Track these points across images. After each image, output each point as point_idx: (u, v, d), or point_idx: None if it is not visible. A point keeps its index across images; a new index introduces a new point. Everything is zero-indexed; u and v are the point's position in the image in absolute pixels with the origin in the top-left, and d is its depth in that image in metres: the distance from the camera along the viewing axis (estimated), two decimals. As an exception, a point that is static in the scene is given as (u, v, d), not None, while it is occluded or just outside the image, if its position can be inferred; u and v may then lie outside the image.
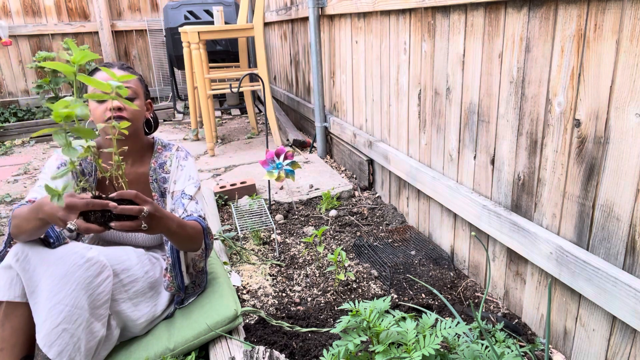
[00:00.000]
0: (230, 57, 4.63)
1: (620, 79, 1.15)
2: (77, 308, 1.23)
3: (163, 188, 1.59)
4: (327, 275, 2.01)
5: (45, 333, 1.19)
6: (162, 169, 1.59)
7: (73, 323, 1.22)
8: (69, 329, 1.21)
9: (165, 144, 1.63)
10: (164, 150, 1.62)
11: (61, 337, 1.20)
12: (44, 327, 1.20)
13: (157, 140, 1.64)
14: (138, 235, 1.58)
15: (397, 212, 2.52)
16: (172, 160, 1.60)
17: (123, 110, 1.44)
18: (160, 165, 1.59)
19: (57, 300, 1.21)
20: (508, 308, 1.72)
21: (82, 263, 1.26)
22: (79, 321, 1.23)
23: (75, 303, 1.23)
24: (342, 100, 3.14)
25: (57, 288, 1.22)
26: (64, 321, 1.21)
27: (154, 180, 1.58)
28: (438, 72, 1.94)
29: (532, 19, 1.40)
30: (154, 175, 1.58)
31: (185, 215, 1.50)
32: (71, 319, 1.22)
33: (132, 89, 1.49)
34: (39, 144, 4.59)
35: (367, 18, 2.55)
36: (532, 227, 1.47)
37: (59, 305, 1.21)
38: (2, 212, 2.92)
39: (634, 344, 1.22)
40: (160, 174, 1.59)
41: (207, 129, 3.66)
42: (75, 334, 1.22)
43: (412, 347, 0.99)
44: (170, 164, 1.60)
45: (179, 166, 1.60)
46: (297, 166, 2.36)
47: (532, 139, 1.46)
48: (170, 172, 1.59)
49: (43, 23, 5.46)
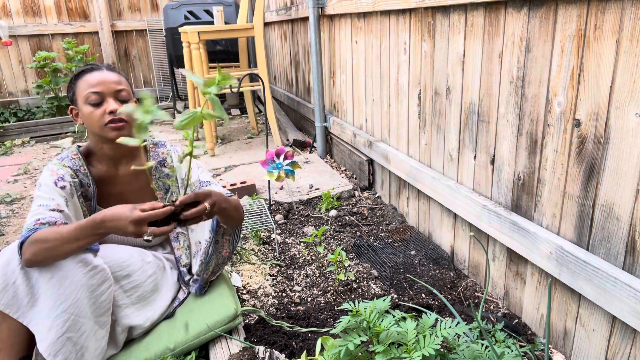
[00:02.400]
0: (230, 57, 4.63)
1: (620, 79, 1.15)
2: (81, 317, 1.22)
3: (167, 185, 1.59)
4: (327, 275, 2.01)
5: (50, 342, 1.18)
6: (164, 166, 1.59)
7: (77, 331, 1.21)
8: (73, 337, 1.20)
9: (156, 142, 1.62)
10: (157, 148, 1.61)
11: (66, 345, 1.20)
12: (49, 336, 1.19)
13: (148, 139, 1.62)
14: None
15: (397, 212, 2.52)
16: (171, 155, 1.60)
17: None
18: (160, 163, 1.59)
19: (62, 309, 1.20)
20: (508, 308, 1.72)
21: (87, 271, 1.25)
22: (83, 329, 1.22)
23: (79, 312, 1.22)
24: (342, 100, 3.14)
25: (62, 297, 1.21)
26: (69, 330, 1.20)
27: (157, 179, 1.58)
28: (438, 72, 1.94)
29: (532, 19, 1.40)
30: (156, 174, 1.58)
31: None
32: (75, 328, 1.21)
33: (127, 91, 1.46)
34: (39, 144, 4.59)
35: (367, 18, 2.55)
36: (532, 227, 1.47)
37: (64, 314, 1.20)
38: (2, 212, 2.92)
39: (634, 344, 1.22)
40: (163, 171, 1.59)
41: (207, 129, 3.66)
42: (79, 342, 1.22)
43: (412, 347, 0.99)
44: (172, 160, 1.60)
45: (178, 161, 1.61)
46: (297, 166, 2.36)
47: (532, 139, 1.46)
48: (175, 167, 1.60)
49: (43, 23, 5.46)
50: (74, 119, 1.46)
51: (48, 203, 1.33)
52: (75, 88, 1.42)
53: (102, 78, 1.40)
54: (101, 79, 1.39)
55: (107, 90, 1.39)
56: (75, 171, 1.44)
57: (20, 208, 2.99)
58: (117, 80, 1.42)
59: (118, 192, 1.53)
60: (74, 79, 1.43)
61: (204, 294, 1.60)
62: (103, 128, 1.39)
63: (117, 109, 1.39)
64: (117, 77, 1.43)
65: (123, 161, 1.53)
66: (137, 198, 1.54)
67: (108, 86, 1.40)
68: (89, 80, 1.39)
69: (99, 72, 1.42)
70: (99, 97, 1.39)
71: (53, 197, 1.35)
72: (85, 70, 1.43)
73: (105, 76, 1.40)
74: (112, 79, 1.41)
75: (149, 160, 1.58)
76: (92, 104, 1.38)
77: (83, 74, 1.42)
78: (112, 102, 1.39)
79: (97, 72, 1.41)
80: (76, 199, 1.42)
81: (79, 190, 1.44)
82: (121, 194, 1.53)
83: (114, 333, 1.37)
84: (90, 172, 1.47)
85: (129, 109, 1.08)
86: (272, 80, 5.23)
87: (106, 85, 1.39)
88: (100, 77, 1.40)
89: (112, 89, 1.40)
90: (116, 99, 1.41)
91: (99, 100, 1.38)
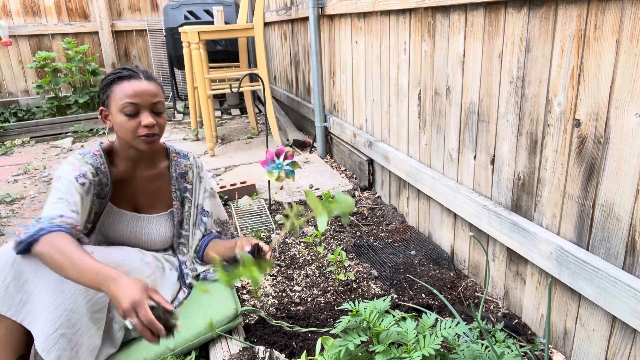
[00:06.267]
0: (230, 57, 4.63)
1: (620, 79, 1.15)
2: (75, 313, 1.21)
3: (184, 197, 1.62)
4: (327, 275, 2.01)
5: (44, 338, 1.18)
6: (184, 179, 1.62)
7: (71, 328, 1.20)
8: (66, 334, 1.19)
9: (179, 151, 1.63)
10: (180, 158, 1.61)
11: (59, 342, 1.19)
12: (43, 333, 1.18)
13: (170, 147, 1.63)
14: (147, 240, 1.58)
15: (397, 212, 2.52)
16: (192, 170, 1.62)
17: (155, 126, 1.40)
18: (181, 175, 1.61)
19: (55, 305, 1.19)
20: (508, 308, 1.72)
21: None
22: (77, 326, 1.21)
23: (73, 308, 1.21)
24: (342, 100, 3.14)
25: (55, 293, 1.20)
26: (62, 326, 1.19)
27: (177, 190, 1.61)
28: (438, 72, 1.94)
29: (532, 19, 1.40)
30: (176, 185, 1.60)
31: (205, 235, 1.64)
32: (69, 324, 1.20)
33: (162, 102, 1.44)
34: (39, 144, 4.59)
35: (367, 18, 2.55)
36: (532, 227, 1.47)
37: (57, 310, 1.19)
38: (2, 212, 2.92)
39: (634, 344, 1.22)
40: (182, 183, 1.61)
41: (207, 129, 3.66)
42: (73, 339, 1.21)
43: (412, 347, 0.99)
44: (192, 175, 1.62)
45: (198, 177, 1.64)
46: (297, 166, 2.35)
47: (532, 139, 1.46)
48: (193, 183, 1.62)
49: (43, 23, 5.46)
50: (103, 120, 1.45)
51: (69, 199, 1.31)
52: (110, 92, 1.39)
53: (141, 89, 1.37)
54: (139, 89, 1.37)
55: (143, 103, 1.38)
56: (96, 169, 1.43)
57: (20, 208, 2.99)
58: (154, 92, 1.40)
59: (131, 194, 1.54)
60: (109, 82, 1.40)
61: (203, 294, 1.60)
62: (135, 139, 1.39)
63: (153, 123, 1.38)
64: (154, 89, 1.41)
65: (142, 164, 1.53)
66: (149, 201, 1.56)
67: (145, 98, 1.38)
68: (126, 89, 1.36)
69: (137, 81, 1.39)
70: (135, 108, 1.37)
71: (72, 193, 1.33)
72: (123, 76, 1.39)
73: (143, 87, 1.38)
74: (150, 91, 1.39)
75: (170, 168, 1.59)
76: (127, 114, 1.37)
77: (120, 80, 1.39)
78: (147, 115, 1.38)
79: (136, 82, 1.38)
80: (90, 196, 1.42)
81: (95, 189, 1.43)
82: (134, 195, 1.54)
83: (112, 331, 1.36)
84: (110, 171, 1.48)
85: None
86: (272, 80, 5.23)
87: (143, 98, 1.37)
88: (138, 88, 1.37)
89: (148, 102, 1.38)
90: (151, 111, 1.40)
91: (134, 111, 1.37)
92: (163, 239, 1.61)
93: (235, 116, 5.39)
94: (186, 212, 1.63)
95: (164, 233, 1.60)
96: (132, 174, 1.52)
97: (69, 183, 1.35)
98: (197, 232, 1.64)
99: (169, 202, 1.61)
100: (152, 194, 1.57)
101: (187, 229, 1.64)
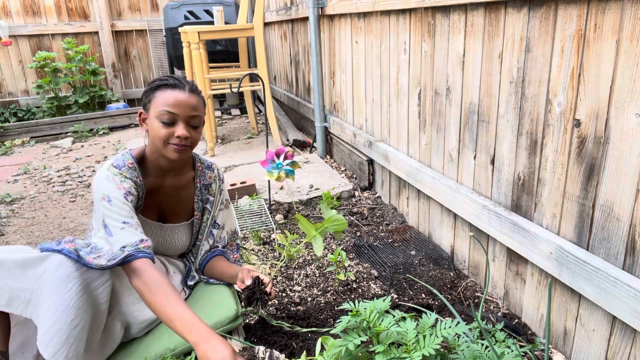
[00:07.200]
0: (230, 57, 4.63)
1: (620, 79, 1.15)
2: (75, 308, 1.21)
3: (204, 207, 1.63)
4: (327, 275, 2.01)
5: (42, 333, 1.18)
6: (208, 190, 1.63)
7: (69, 324, 1.20)
8: (63, 329, 1.19)
9: (203, 161, 1.63)
10: (205, 169, 1.62)
11: (56, 337, 1.18)
12: (42, 327, 1.19)
13: (195, 156, 1.62)
14: (165, 248, 1.60)
15: (397, 212, 2.52)
16: (216, 182, 1.64)
17: (188, 138, 1.40)
18: (205, 186, 1.62)
19: (53, 300, 1.20)
20: (508, 308, 1.72)
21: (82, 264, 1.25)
22: (75, 322, 1.21)
23: (72, 303, 1.21)
24: (342, 100, 3.14)
25: (56, 289, 1.20)
26: (58, 321, 1.19)
27: (200, 200, 1.61)
28: (438, 72, 1.94)
29: (532, 19, 1.40)
30: (199, 196, 1.61)
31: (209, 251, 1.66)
32: (67, 320, 1.20)
33: (200, 117, 1.44)
34: (39, 144, 4.59)
35: (367, 18, 2.55)
36: (532, 227, 1.48)
37: (53, 304, 1.19)
38: (2, 212, 2.92)
39: (634, 344, 1.22)
40: (205, 194, 1.62)
41: (207, 129, 3.66)
42: (72, 335, 1.20)
43: (412, 347, 0.99)
44: (215, 188, 1.63)
45: (218, 190, 1.65)
46: (297, 166, 2.36)
47: (532, 139, 1.46)
48: (215, 195, 1.63)
49: (43, 23, 5.46)
50: (140, 122, 1.45)
51: (131, 222, 1.35)
52: (152, 97, 1.40)
53: (182, 100, 1.37)
54: (180, 100, 1.37)
55: (181, 114, 1.38)
56: (134, 183, 1.43)
57: (20, 208, 2.99)
58: (194, 106, 1.40)
59: (157, 203, 1.54)
60: (154, 88, 1.41)
61: (203, 293, 1.60)
62: (166, 147, 1.39)
63: (187, 135, 1.38)
64: (195, 102, 1.41)
65: (170, 174, 1.54)
66: (172, 210, 1.58)
67: (184, 110, 1.38)
68: (167, 97, 1.37)
69: (180, 91, 1.39)
70: (172, 117, 1.37)
71: (131, 215, 1.37)
72: (168, 83, 1.40)
73: (184, 99, 1.38)
74: (190, 104, 1.39)
75: (195, 178, 1.60)
76: (163, 122, 1.37)
77: (165, 87, 1.39)
78: (183, 127, 1.38)
79: (179, 92, 1.38)
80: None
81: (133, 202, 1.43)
82: (159, 204, 1.55)
83: (113, 329, 1.36)
84: (144, 182, 1.48)
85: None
86: (272, 80, 5.23)
87: (182, 109, 1.37)
88: (179, 98, 1.37)
89: (187, 114, 1.39)
90: (188, 124, 1.40)
91: (171, 120, 1.37)
92: (180, 248, 1.63)
93: (235, 116, 5.39)
94: (204, 224, 1.65)
95: (183, 242, 1.62)
96: (161, 184, 1.53)
97: (122, 204, 1.36)
98: (205, 244, 1.66)
99: (191, 212, 1.61)
100: (176, 204, 1.57)
101: (200, 239, 1.66)
